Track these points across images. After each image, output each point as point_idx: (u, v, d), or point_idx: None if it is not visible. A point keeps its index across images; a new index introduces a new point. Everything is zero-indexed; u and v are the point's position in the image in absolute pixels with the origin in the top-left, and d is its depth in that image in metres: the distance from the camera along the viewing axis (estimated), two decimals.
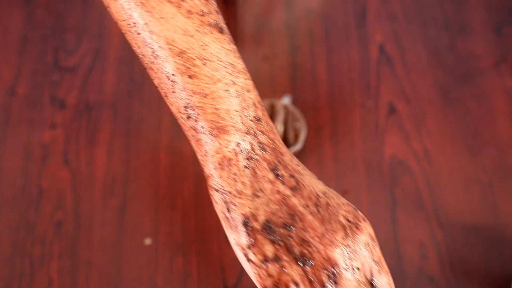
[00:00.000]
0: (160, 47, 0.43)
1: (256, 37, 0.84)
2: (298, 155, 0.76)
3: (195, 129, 0.43)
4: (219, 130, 0.43)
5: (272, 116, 0.75)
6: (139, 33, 0.44)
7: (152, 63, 0.44)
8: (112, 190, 0.74)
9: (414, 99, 0.80)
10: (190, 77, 0.43)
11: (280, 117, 0.75)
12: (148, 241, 0.71)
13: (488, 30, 0.85)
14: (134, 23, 0.44)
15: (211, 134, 0.43)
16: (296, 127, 0.74)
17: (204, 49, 0.44)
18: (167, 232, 0.71)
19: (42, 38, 0.84)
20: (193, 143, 0.44)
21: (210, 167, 0.43)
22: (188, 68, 0.43)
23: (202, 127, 0.43)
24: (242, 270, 0.69)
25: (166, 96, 0.45)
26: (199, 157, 0.44)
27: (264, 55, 0.83)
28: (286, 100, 0.76)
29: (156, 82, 0.45)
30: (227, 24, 0.91)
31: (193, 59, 0.43)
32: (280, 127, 0.75)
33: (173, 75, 0.43)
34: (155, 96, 0.80)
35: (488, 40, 0.84)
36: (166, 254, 0.70)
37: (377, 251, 0.45)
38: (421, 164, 0.75)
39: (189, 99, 0.43)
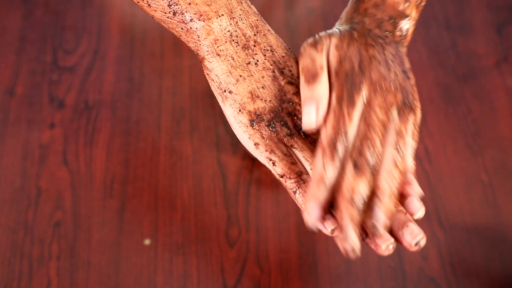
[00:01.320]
0: None
1: None
2: None
3: (183, 22, 0.48)
4: (205, 15, 0.47)
5: None
6: None
7: None
8: (111, 190, 0.73)
9: None
10: None
11: None
12: (147, 242, 0.70)
13: (489, 30, 0.85)
14: None
15: (199, 20, 0.48)
16: None
17: None
18: (166, 233, 0.71)
19: (41, 38, 0.84)
20: (184, 36, 0.49)
21: (204, 50, 0.48)
22: None
23: (190, 17, 0.48)
24: (242, 270, 0.69)
25: (149, 5, 0.48)
26: (192, 44, 0.49)
27: None
28: None
29: None
30: None
31: None
32: None
33: None
34: (155, 96, 0.79)
35: (489, 39, 0.84)
36: (165, 255, 0.70)
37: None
38: (422, 164, 0.75)
39: None
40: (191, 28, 0.48)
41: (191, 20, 0.48)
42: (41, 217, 0.72)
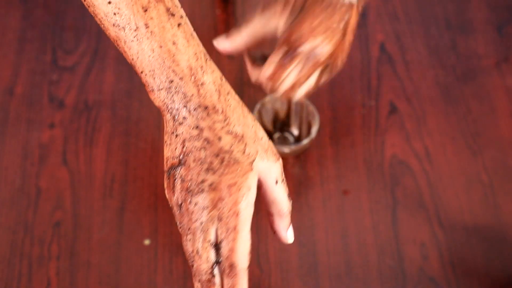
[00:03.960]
0: (101, 18, 0.50)
1: None
2: (303, 152, 0.76)
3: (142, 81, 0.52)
4: (151, 86, 0.51)
5: (289, 109, 0.75)
6: (88, 6, 0.51)
7: (103, 29, 0.51)
8: (111, 190, 0.73)
9: (414, 99, 0.80)
10: (125, 43, 0.50)
11: (295, 111, 0.75)
12: (147, 242, 0.70)
13: (489, 29, 0.85)
14: None
15: (148, 88, 0.51)
16: (309, 120, 0.75)
17: (132, 18, 0.50)
18: (166, 232, 0.71)
19: (41, 37, 0.84)
20: None
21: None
22: (123, 36, 0.50)
23: (144, 82, 0.51)
24: None
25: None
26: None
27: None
28: None
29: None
30: (227, 23, 0.91)
31: (124, 28, 0.50)
32: (295, 120, 0.76)
33: (115, 41, 0.51)
34: None
35: (490, 39, 0.84)
36: (165, 255, 0.70)
37: (232, 225, 0.51)
38: (422, 164, 0.75)
39: (129, 60, 0.51)
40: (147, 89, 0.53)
41: (144, 84, 0.52)
42: (41, 217, 0.72)
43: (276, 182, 0.53)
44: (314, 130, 0.73)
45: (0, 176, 0.74)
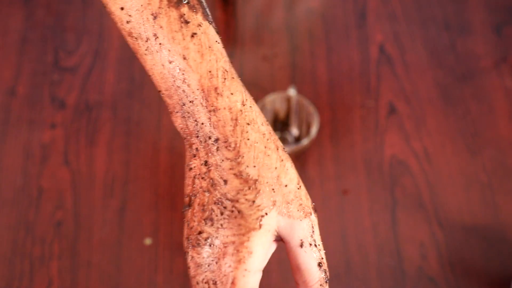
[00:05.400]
0: (120, 26, 0.42)
1: (256, 37, 0.84)
2: (303, 152, 0.76)
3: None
4: (169, 107, 0.42)
5: (289, 109, 0.76)
6: (109, 14, 0.43)
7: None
8: (112, 190, 0.74)
9: (414, 99, 0.80)
10: (140, 56, 0.42)
11: (295, 111, 0.76)
12: (148, 241, 0.71)
13: (488, 30, 0.85)
14: (105, 3, 0.42)
15: (168, 109, 0.42)
16: (309, 120, 0.75)
17: (143, 27, 0.41)
18: (167, 232, 0.71)
19: (42, 38, 0.84)
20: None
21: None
22: (137, 48, 0.42)
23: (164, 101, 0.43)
24: None
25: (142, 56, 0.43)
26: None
27: (264, 55, 0.83)
28: (292, 91, 0.77)
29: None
30: (227, 24, 0.91)
31: (137, 39, 0.42)
32: (295, 120, 0.76)
33: (135, 53, 0.43)
34: (155, 96, 0.80)
35: (488, 40, 0.84)
36: (166, 254, 0.70)
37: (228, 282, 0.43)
38: (421, 164, 0.75)
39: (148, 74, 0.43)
40: None
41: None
42: (42, 217, 0.72)
43: (302, 245, 0.43)
44: (314, 130, 0.74)
45: (1, 176, 0.75)
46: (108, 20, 0.86)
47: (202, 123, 0.41)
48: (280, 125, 0.77)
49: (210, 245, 0.41)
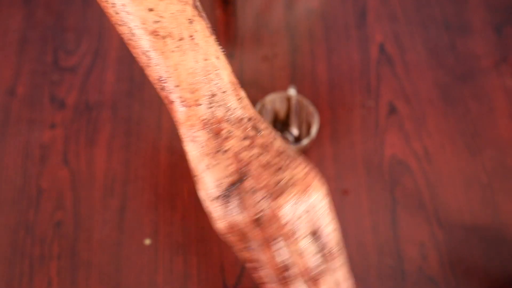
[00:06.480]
0: (135, 26, 0.48)
1: (256, 37, 0.84)
2: (303, 152, 0.76)
3: (168, 99, 0.49)
4: (188, 101, 0.48)
5: (289, 109, 0.76)
6: (117, 13, 0.48)
7: (130, 39, 0.49)
8: (112, 190, 0.74)
9: (414, 99, 0.80)
10: (163, 53, 0.48)
11: (295, 111, 0.75)
12: (148, 241, 0.71)
13: (488, 30, 0.85)
14: (113, 3, 0.48)
15: (181, 104, 0.49)
16: (309, 120, 0.75)
17: (176, 28, 0.48)
18: (167, 232, 0.71)
19: (42, 38, 0.84)
20: (169, 109, 0.50)
21: (182, 132, 0.50)
22: (161, 45, 0.48)
23: (174, 99, 0.49)
24: (242, 270, 0.69)
25: (143, 69, 0.50)
26: (174, 121, 0.50)
27: (264, 55, 0.83)
28: (292, 91, 0.77)
29: (134, 55, 0.50)
30: (227, 24, 0.92)
31: (165, 37, 0.48)
32: (295, 120, 0.76)
33: (147, 51, 0.48)
34: (155, 96, 0.80)
35: (488, 40, 0.84)
36: (166, 254, 0.70)
37: (324, 210, 0.50)
38: (421, 164, 0.75)
39: (162, 73, 0.48)
40: (173, 108, 0.50)
41: (174, 101, 0.49)
42: (42, 217, 0.72)
43: None
44: (314, 130, 0.74)
45: (1, 176, 0.75)
46: (108, 20, 0.86)
47: (234, 108, 0.49)
48: (280, 125, 0.77)
49: (294, 184, 0.48)
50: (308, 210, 0.49)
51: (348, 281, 0.52)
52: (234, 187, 0.48)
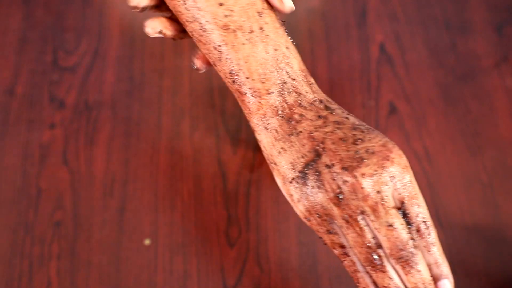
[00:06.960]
0: (206, 21, 0.50)
1: None
2: None
3: (239, 92, 0.51)
4: (258, 92, 0.50)
5: None
6: (188, 10, 0.50)
7: (201, 35, 0.50)
8: (111, 190, 0.73)
9: (414, 99, 0.80)
10: (233, 46, 0.49)
11: None
12: (147, 241, 0.71)
13: (489, 30, 0.85)
14: (184, 0, 0.50)
15: (252, 95, 0.50)
16: None
17: (246, 21, 0.50)
18: (166, 233, 0.71)
19: (41, 38, 0.84)
20: (239, 102, 0.52)
21: (254, 122, 0.51)
22: (232, 38, 0.49)
23: (246, 90, 0.50)
24: (242, 270, 0.69)
25: (214, 64, 0.52)
26: (245, 113, 0.52)
27: None
28: None
29: (204, 52, 0.52)
30: None
31: (235, 30, 0.49)
32: None
33: (219, 45, 0.50)
34: (155, 96, 0.80)
35: (489, 39, 0.84)
36: (166, 254, 0.70)
37: (408, 180, 0.49)
38: (422, 164, 0.75)
39: (233, 66, 0.50)
40: (244, 100, 0.51)
41: (245, 93, 0.51)
42: (41, 217, 0.72)
43: None
44: None
45: (0, 176, 0.74)
46: (107, 20, 0.85)
47: (306, 92, 0.51)
48: None
49: (373, 153, 0.48)
50: (392, 178, 0.48)
51: (446, 260, 0.51)
52: (311, 165, 0.48)
